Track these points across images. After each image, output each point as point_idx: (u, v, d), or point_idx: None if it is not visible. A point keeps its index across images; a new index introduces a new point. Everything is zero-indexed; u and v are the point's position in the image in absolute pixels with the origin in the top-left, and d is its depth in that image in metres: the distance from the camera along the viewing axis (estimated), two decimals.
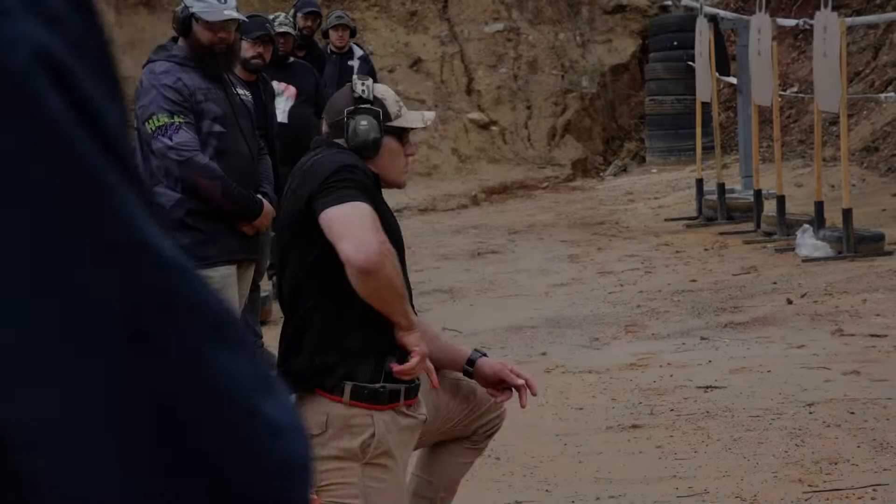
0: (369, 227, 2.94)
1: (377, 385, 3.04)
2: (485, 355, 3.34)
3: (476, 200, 12.77)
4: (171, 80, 4.47)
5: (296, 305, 3.12)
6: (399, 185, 3.32)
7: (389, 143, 3.20)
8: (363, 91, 3.20)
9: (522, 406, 3.31)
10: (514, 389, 3.30)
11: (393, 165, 3.22)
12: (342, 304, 3.01)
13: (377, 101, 3.21)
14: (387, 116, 3.20)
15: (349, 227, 2.93)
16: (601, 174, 13.83)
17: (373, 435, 3.04)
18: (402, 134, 3.24)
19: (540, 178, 13.39)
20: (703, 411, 5.27)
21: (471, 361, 3.31)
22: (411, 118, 3.27)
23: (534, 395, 3.31)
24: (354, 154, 3.14)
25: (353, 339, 3.04)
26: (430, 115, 3.35)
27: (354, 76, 3.28)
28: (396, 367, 3.03)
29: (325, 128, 3.28)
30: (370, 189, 3.07)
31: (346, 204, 2.95)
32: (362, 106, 3.19)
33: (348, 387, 3.02)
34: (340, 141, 3.17)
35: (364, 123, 3.15)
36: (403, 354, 3.07)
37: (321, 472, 2.99)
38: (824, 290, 7.50)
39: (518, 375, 3.29)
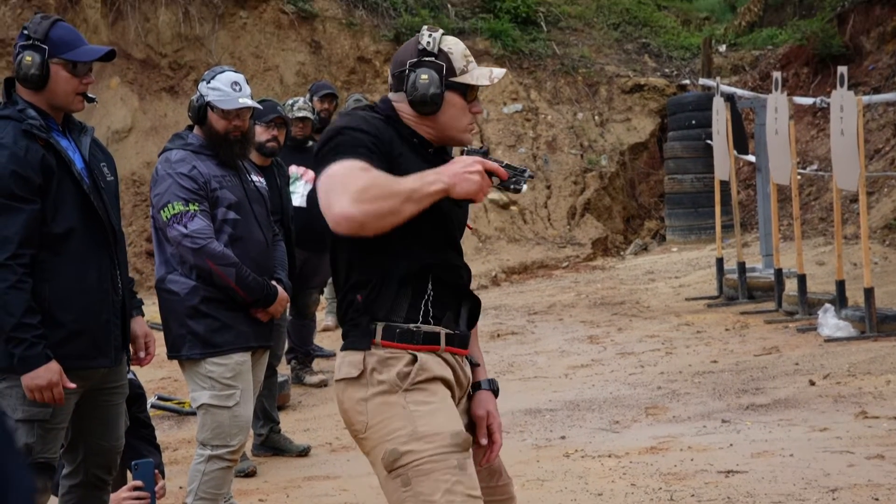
0: (336, 190, 2.82)
1: (411, 325, 2.98)
2: (494, 391, 3.23)
3: (496, 281, 12.75)
4: (185, 168, 4.49)
5: (336, 277, 3.09)
6: (462, 143, 3.16)
7: (452, 98, 3.07)
8: (429, 43, 3.07)
9: (479, 465, 3.15)
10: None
11: (455, 123, 3.09)
12: (370, 261, 2.99)
13: (442, 55, 3.07)
14: (451, 71, 3.07)
15: (323, 198, 2.85)
16: (622, 253, 13.80)
17: (413, 361, 2.97)
18: (466, 90, 3.09)
19: (560, 257, 13.38)
20: (724, 497, 5.18)
21: (476, 386, 3.22)
22: (477, 74, 3.10)
23: (486, 463, 3.17)
24: (369, 110, 3.06)
25: (387, 289, 2.99)
26: (498, 72, 3.12)
27: (424, 27, 3.16)
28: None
29: (389, 79, 3.14)
30: (363, 143, 2.94)
31: (321, 176, 2.89)
32: (426, 59, 3.06)
33: (379, 327, 2.98)
34: (399, 94, 3.09)
35: (425, 77, 3.03)
36: (440, 295, 3.03)
37: (365, 414, 2.95)
38: (847, 371, 7.41)
39: (490, 434, 3.18)
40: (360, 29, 14.65)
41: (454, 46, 3.10)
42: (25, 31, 3.75)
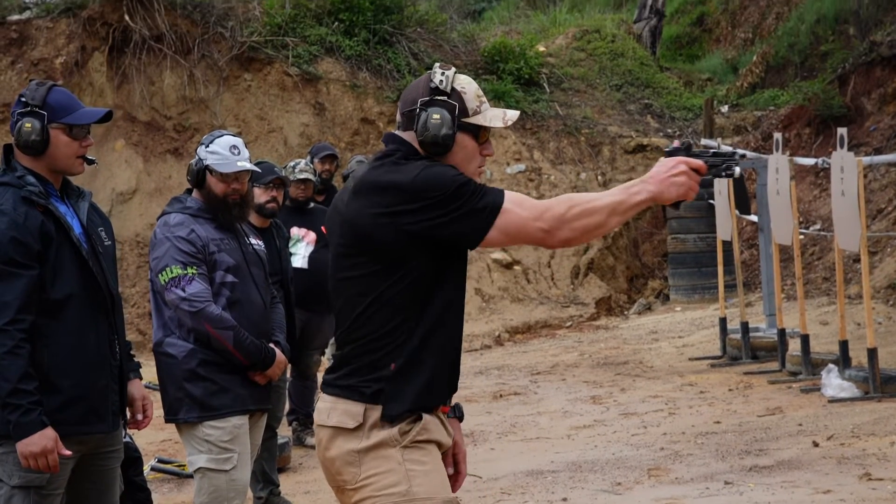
0: (526, 219, 2.87)
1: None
2: (460, 417, 3.20)
3: (500, 340, 12.73)
4: (184, 231, 4.52)
5: (354, 326, 2.98)
6: None
7: (463, 140, 2.97)
8: (441, 81, 2.97)
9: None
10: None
11: (465, 165, 2.98)
12: (405, 330, 2.93)
13: (455, 94, 2.97)
14: (463, 111, 2.97)
15: (518, 233, 2.89)
16: (625, 313, 13.79)
17: (416, 420, 2.94)
18: (478, 132, 3.00)
19: (564, 317, 13.36)
20: None
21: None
22: (491, 116, 3.00)
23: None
24: (400, 154, 2.96)
25: (410, 363, 2.96)
26: (512, 114, 3.04)
27: (436, 64, 3.05)
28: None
29: (398, 117, 3.05)
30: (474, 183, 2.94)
31: (494, 226, 2.87)
32: (438, 98, 2.96)
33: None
34: (408, 134, 2.99)
35: (436, 117, 2.93)
36: (454, 370, 3.02)
37: (357, 465, 2.92)
38: (851, 433, 7.37)
39: (455, 465, 3.17)
40: (363, 91, 14.77)
41: (467, 86, 3.02)
42: (23, 98, 3.78)
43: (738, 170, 3.03)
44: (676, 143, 3.03)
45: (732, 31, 19.94)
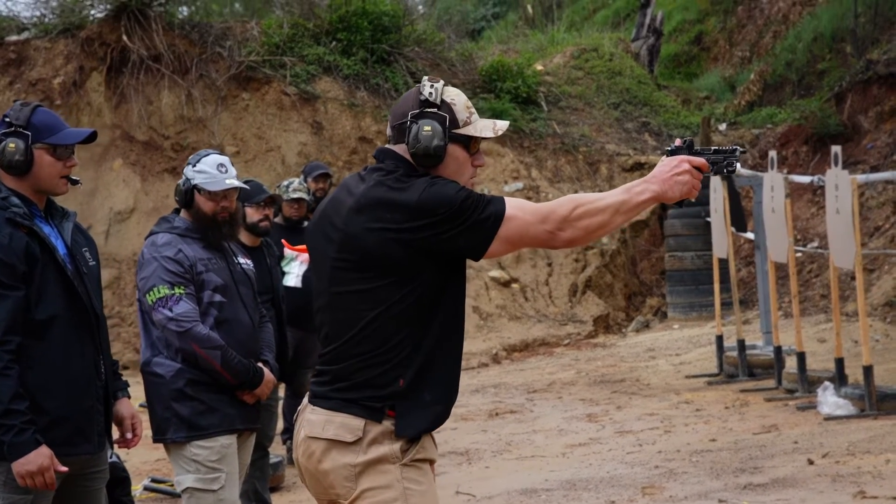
0: (529, 223, 2.92)
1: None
2: None
3: (497, 359, 12.72)
4: (171, 251, 4.52)
5: (355, 341, 3.02)
6: None
7: (455, 151, 3.02)
8: (431, 94, 3.01)
9: None
10: None
11: (457, 177, 3.02)
12: (410, 344, 2.96)
13: (445, 106, 3.02)
14: (454, 123, 3.01)
15: (522, 238, 2.94)
16: (623, 330, 13.78)
17: (415, 439, 2.96)
18: (469, 143, 3.04)
19: (561, 335, 13.36)
20: None
21: None
22: (481, 126, 3.06)
23: None
24: (396, 170, 2.99)
25: (419, 379, 2.98)
26: (502, 124, 3.09)
27: (425, 77, 3.08)
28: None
29: (388, 131, 3.10)
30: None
31: (497, 235, 2.93)
32: (428, 110, 3.00)
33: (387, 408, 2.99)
34: (400, 147, 3.03)
35: (427, 129, 2.97)
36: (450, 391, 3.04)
37: (353, 480, 2.93)
38: (846, 450, 7.35)
39: None
40: (361, 110, 14.80)
41: (457, 97, 3.06)
42: (7, 119, 3.79)
43: (738, 165, 3.07)
44: (678, 142, 3.05)
45: (730, 50, 19.98)
